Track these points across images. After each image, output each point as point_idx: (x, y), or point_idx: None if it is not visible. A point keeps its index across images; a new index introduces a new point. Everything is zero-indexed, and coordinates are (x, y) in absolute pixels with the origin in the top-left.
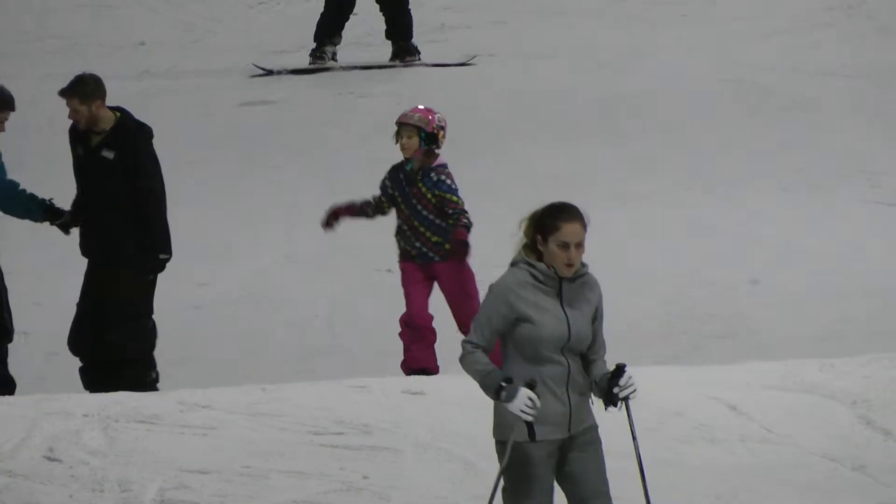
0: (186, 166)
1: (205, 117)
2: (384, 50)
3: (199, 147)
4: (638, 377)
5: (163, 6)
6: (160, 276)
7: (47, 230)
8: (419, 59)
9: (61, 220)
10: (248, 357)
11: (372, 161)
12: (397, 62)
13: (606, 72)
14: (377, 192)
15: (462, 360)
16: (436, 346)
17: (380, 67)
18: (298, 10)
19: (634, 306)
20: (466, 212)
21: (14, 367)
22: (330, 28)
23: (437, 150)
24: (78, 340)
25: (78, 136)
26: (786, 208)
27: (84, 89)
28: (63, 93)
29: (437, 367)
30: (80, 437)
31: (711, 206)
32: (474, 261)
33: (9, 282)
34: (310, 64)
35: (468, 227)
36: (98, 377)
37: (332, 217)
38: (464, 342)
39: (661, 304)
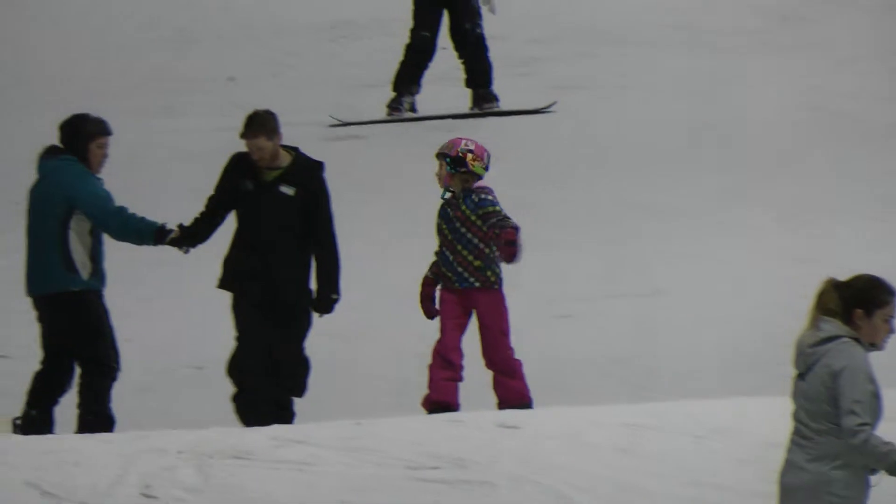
0: None
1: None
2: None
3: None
4: (731, 408)
5: (246, 42)
6: None
7: (134, 267)
8: (498, 106)
9: (172, 235)
10: (341, 392)
11: None
12: (476, 110)
13: (693, 102)
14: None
15: (866, 443)
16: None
17: (457, 117)
18: (381, 44)
19: (725, 337)
20: (509, 217)
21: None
22: (408, 78)
23: (465, 172)
24: (252, 371)
25: (244, 171)
26: (875, 237)
27: (269, 125)
28: (247, 133)
29: (459, 404)
30: (175, 474)
31: (801, 236)
32: (556, 291)
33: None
34: (388, 115)
35: (517, 228)
36: (263, 410)
37: (430, 304)
38: (860, 425)
39: (752, 334)
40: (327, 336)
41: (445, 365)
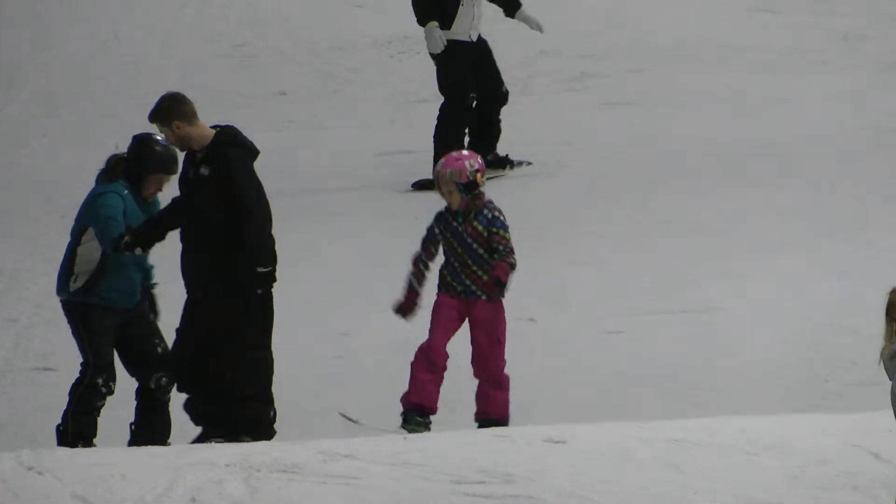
0: (329, 216)
1: (346, 167)
2: (523, 99)
3: (340, 197)
4: (781, 425)
5: (303, 56)
6: (301, 325)
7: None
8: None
9: (125, 240)
10: (389, 406)
11: (509, 210)
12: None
13: (747, 119)
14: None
15: None
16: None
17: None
18: None
19: (778, 353)
20: (513, 252)
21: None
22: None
23: (479, 192)
24: (185, 375)
25: (191, 159)
26: None
27: (163, 111)
28: (149, 118)
29: (437, 407)
30: (222, 487)
31: (854, 254)
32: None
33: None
34: (414, 188)
35: (513, 266)
36: (206, 412)
37: (411, 307)
38: None
39: (804, 351)
40: (375, 348)
41: (430, 366)
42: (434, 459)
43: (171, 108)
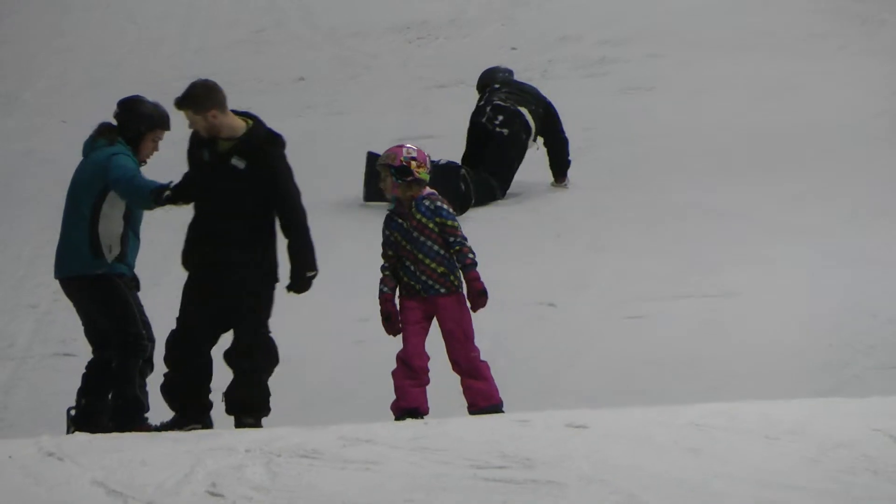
0: (348, 201)
1: (365, 152)
2: (543, 84)
3: (357, 183)
4: (801, 409)
5: (321, 42)
6: (321, 311)
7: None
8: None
9: (166, 194)
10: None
11: (521, 195)
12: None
13: (765, 104)
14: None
15: None
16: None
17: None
18: (457, 45)
19: (796, 338)
20: (466, 239)
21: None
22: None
23: (412, 180)
24: (186, 354)
25: (204, 140)
26: None
27: (197, 99)
28: (178, 104)
29: (428, 408)
30: (242, 473)
31: (871, 238)
32: (626, 292)
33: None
34: None
35: (476, 264)
36: (198, 394)
37: (394, 317)
38: None
39: (822, 336)
40: (394, 338)
41: (409, 372)
42: (454, 444)
43: (207, 97)
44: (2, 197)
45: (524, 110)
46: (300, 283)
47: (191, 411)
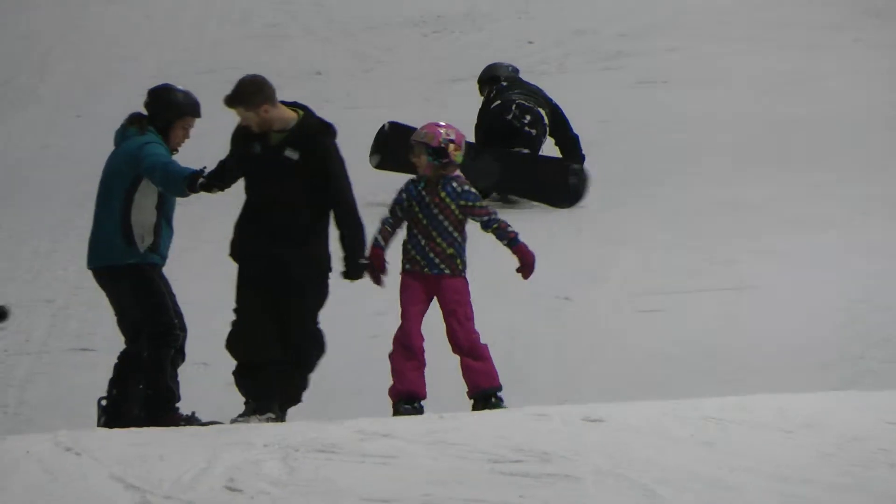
0: (364, 196)
1: None
2: (559, 77)
3: (375, 176)
4: (817, 402)
5: (337, 36)
6: (337, 306)
7: (225, 263)
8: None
9: (200, 181)
10: (427, 385)
11: None
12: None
13: (780, 97)
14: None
15: None
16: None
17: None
18: (472, 39)
19: (812, 331)
20: (504, 220)
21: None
22: None
23: (449, 162)
24: (250, 345)
25: (253, 133)
26: None
27: (246, 96)
28: (227, 103)
29: (425, 392)
30: (260, 468)
31: (888, 231)
32: (644, 285)
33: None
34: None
35: (518, 235)
36: (264, 383)
37: (380, 266)
38: None
39: (839, 328)
40: None
41: (408, 354)
42: (471, 438)
43: (258, 92)
44: (17, 191)
45: (543, 112)
46: (355, 269)
47: (264, 401)
